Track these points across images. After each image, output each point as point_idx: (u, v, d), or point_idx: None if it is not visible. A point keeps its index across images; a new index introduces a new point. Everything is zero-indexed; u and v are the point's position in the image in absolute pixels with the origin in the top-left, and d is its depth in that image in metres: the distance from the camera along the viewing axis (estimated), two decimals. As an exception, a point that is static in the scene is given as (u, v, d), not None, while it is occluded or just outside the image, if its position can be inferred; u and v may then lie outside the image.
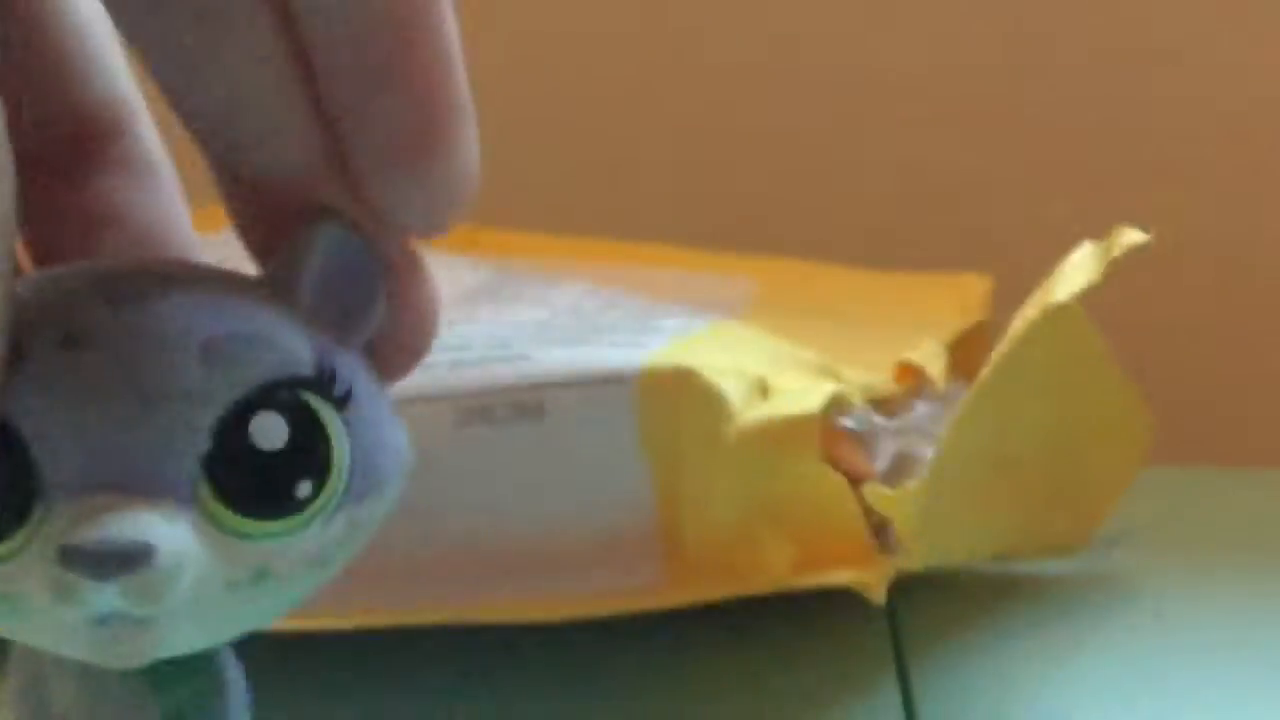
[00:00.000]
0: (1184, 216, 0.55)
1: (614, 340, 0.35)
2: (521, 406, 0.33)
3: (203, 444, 0.20)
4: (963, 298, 0.45)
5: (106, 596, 0.20)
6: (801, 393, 0.33)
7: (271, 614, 0.21)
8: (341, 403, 0.21)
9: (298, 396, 0.21)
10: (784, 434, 0.32)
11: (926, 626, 0.37)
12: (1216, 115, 0.55)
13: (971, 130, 0.56)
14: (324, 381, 0.21)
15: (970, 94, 0.56)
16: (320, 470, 0.21)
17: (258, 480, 0.21)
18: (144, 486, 0.20)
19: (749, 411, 0.33)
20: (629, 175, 0.56)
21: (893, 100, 0.56)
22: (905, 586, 0.36)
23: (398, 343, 0.23)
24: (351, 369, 0.22)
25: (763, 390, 0.33)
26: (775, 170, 0.56)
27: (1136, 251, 0.33)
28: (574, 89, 0.56)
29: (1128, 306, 0.33)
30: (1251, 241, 0.55)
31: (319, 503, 0.21)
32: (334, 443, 0.21)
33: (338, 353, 0.21)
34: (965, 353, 0.43)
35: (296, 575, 0.21)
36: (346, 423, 0.21)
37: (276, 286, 0.22)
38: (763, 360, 0.35)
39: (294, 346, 0.21)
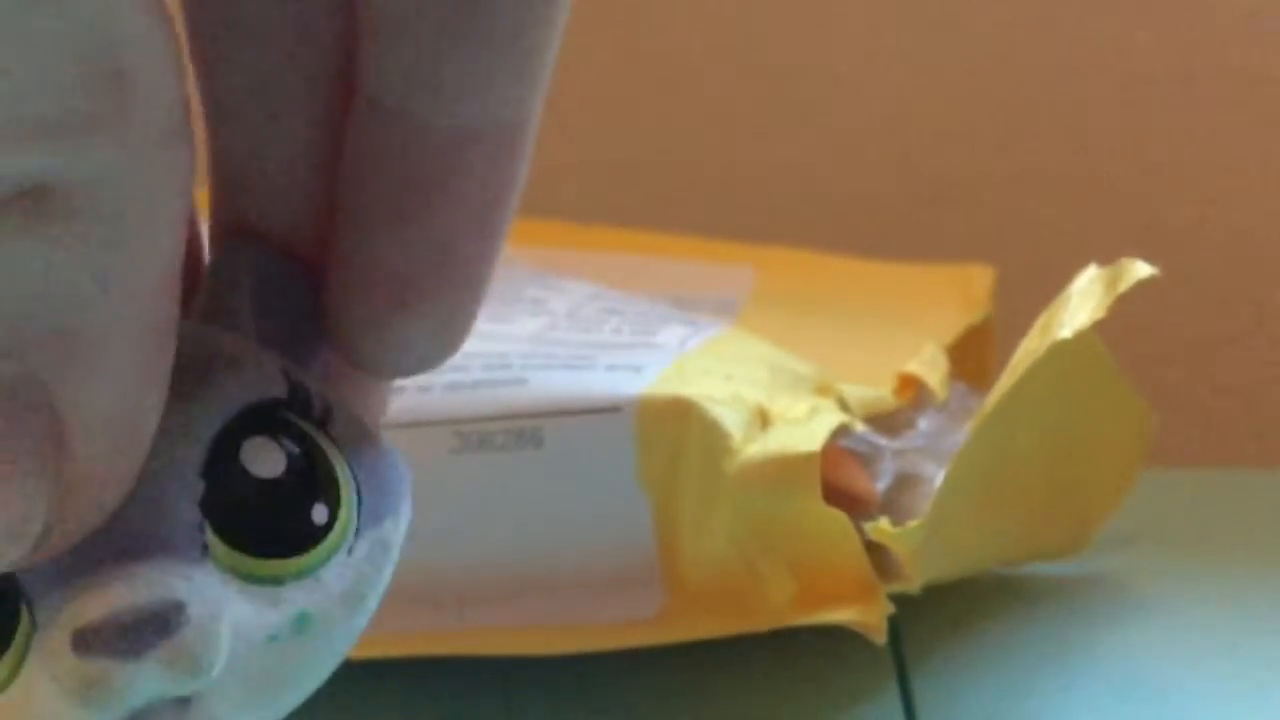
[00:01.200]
0: (1184, 214, 0.54)
1: (612, 362, 0.34)
2: (520, 434, 0.33)
3: (197, 486, 0.18)
4: (966, 290, 0.45)
5: (145, 678, 0.17)
6: (803, 426, 0.33)
7: (323, 670, 0.19)
8: (323, 420, 0.19)
9: (279, 417, 0.19)
10: (785, 472, 0.32)
11: (926, 627, 0.37)
12: (1219, 110, 0.54)
13: (973, 123, 0.55)
14: (300, 400, 0.19)
15: (971, 88, 0.55)
16: (331, 490, 0.19)
17: (268, 514, 0.18)
18: (145, 551, 0.18)
19: (749, 444, 0.32)
20: (630, 165, 0.56)
21: (894, 92, 0.56)
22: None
23: None
24: (319, 386, 0.20)
25: (763, 418, 0.33)
26: (776, 161, 0.56)
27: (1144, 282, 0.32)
28: (574, 80, 0.56)
29: (1127, 306, 0.33)
30: (1252, 240, 0.55)
31: (339, 526, 0.19)
32: (334, 460, 0.19)
33: (301, 371, 0.20)
34: (967, 351, 0.42)
35: (338, 617, 0.19)
36: (336, 440, 0.19)
37: (215, 316, 0.20)
38: (761, 379, 0.35)
39: (263, 367, 0.19)
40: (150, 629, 0.17)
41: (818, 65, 0.56)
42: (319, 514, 0.19)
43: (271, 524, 0.18)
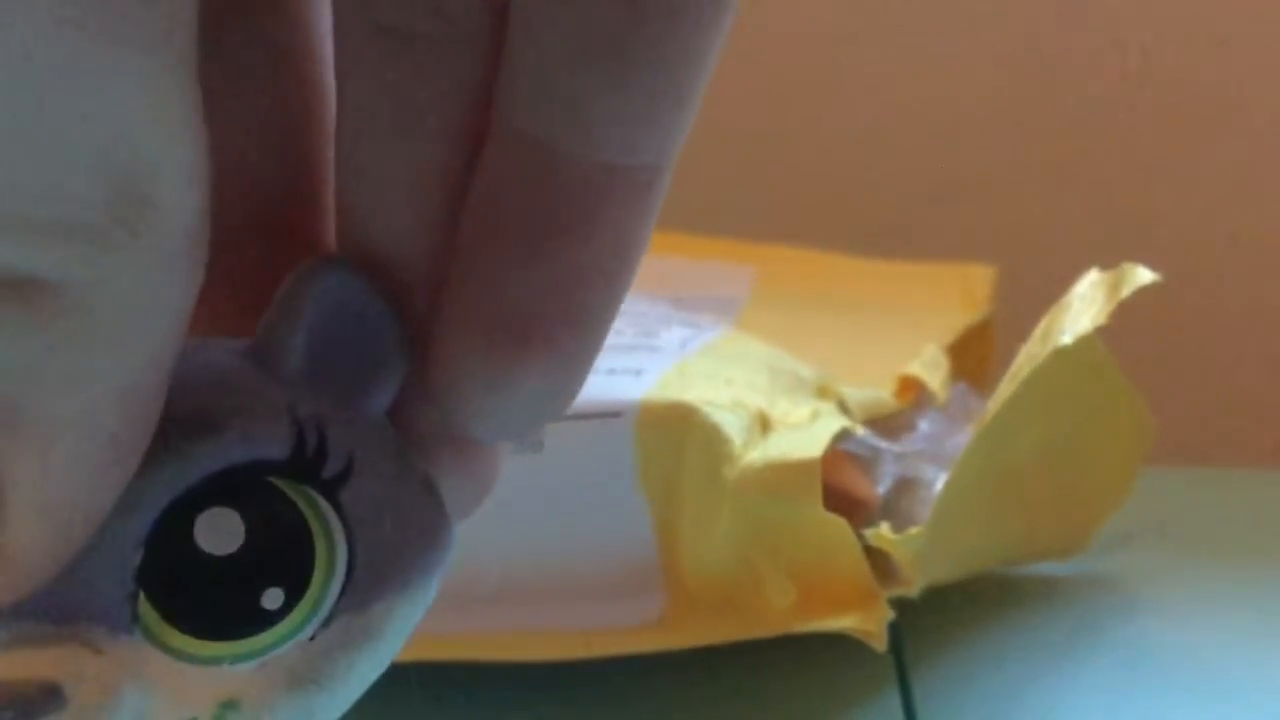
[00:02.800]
0: (1184, 212, 0.54)
1: (613, 366, 0.34)
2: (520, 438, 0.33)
3: (133, 557, 0.17)
4: (966, 289, 0.45)
5: None
6: (804, 432, 0.33)
7: None
8: (334, 483, 0.17)
9: (261, 483, 0.17)
10: (786, 478, 0.32)
11: (926, 627, 0.37)
12: (1220, 109, 0.54)
13: (973, 123, 0.55)
14: (304, 461, 0.17)
15: (971, 88, 0.55)
16: (296, 572, 0.17)
17: (211, 593, 0.17)
18: (67, 615, 0.16)
19: (750, 449, 0.32)
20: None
21: (894, 93, 0.56)
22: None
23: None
24: (357, 438, 0.18)
25: (763, 424, 0.33)
26: (776, 161, 0.56)
27: (1144, 289, 0.32)
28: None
29: (1127, 306, 0.33)
30: (1252, 240, 0.54)
31: (300, 611, 0.17)
32: (316, 535, 0.17)
33: (335, 423, 0.18)
34: (968, 351, 0.42)
35: (278, 705, 0.17)
36: (342, 508, 0.17)
37: (259, 349, 0.18)
38: (761, 384, 0.34)
39: (260, 424, 0.17)
40: (19, 709, 0.16)
41: (818, 66, 0.56)
42: (271, 599, 0.17)
43: (213, 604, 0.17)
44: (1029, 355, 0.33)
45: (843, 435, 0.34)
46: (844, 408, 0.35)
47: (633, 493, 0.32)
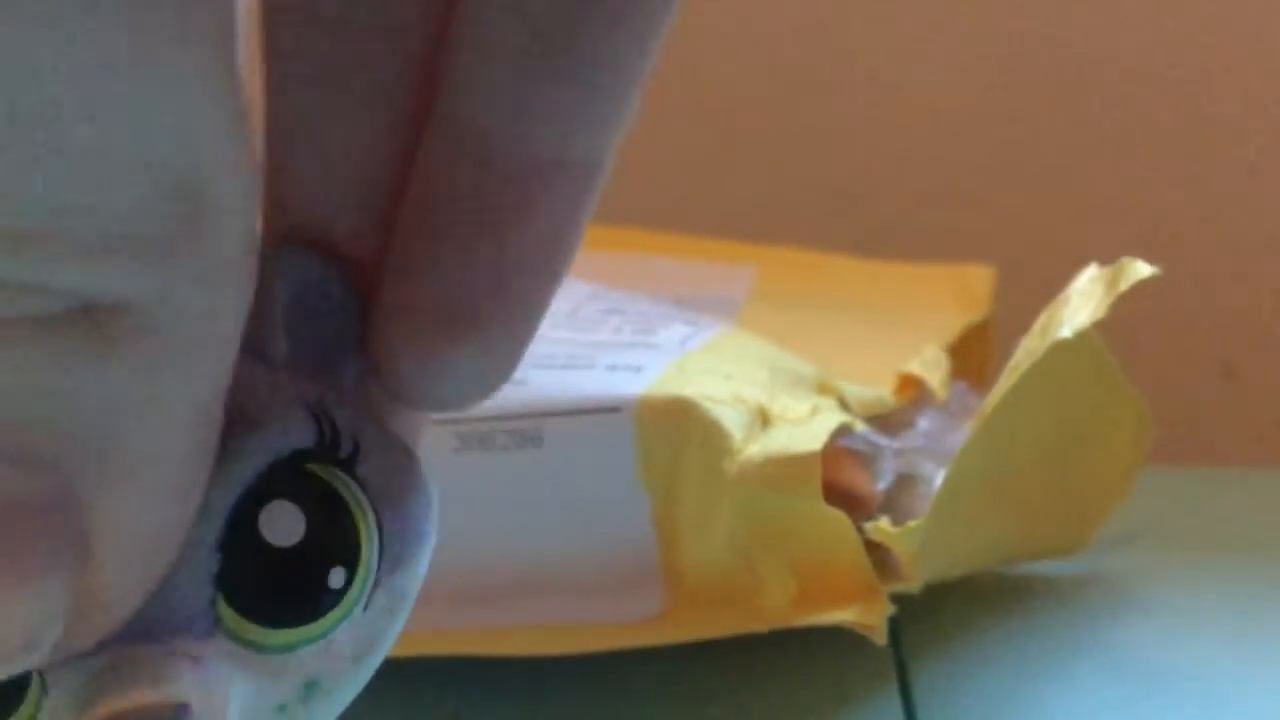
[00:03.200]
0: (1184, 214, 0.54)
1: (613, 363, 0.34)
2: (521, 434, 0.33)
3: (211, 564, 0.17)
4: (966, 290, 0.45)
5: None
6: (803, 426, 0.33)
7: None
8: (350, 461, 0.18)
9: (304, 472, 0.18)
10: (786, 471, 0.32)
11: (926, 627, 0.37)
12: (1219, 109, 0.54)
13: (974, 123, 0.55)
14: (327, 444, 0.18)
15: (971, 89, 0.55)
16: (351, 550, 0.18)
17: (284, 584, 0.18)
18: (154, 630, 0.17)
19: (750, 443, 0.32)
20: (630, 165, 0.56)
21: (895, 93, 0.56)
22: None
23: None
24: (351, 415, 0.18)
25: (764, 419, 0.33)
26: (776, 161, 0.56)
27: (1143, 283, 0.32)
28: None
29: (1126, 305, 0.33)
30: (1252, 241, 0.55)
31: (356, 586, 0.18)
32: (356, 514, 0.18)
33: (330, 401, 0.18)
34: (967, 351, 0.42)
35: (347, 678, 0.18)
36: (362, 483, 0.18)
37: (247, 338, 0.18)
38: (761, 379, 0.35)
39: (287, 416, 0.18)
40: None
41: (818, 66, 0.56)
42: (336, 579, 0.18)
43: (287, 594, 0.18)
44: (1028, 350, 0.33)
45: (842, 430, 0.34)
46: (844, 404, 0.35)
47: (632, 487, 0.32)
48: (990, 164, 0.55)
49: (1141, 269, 0.32)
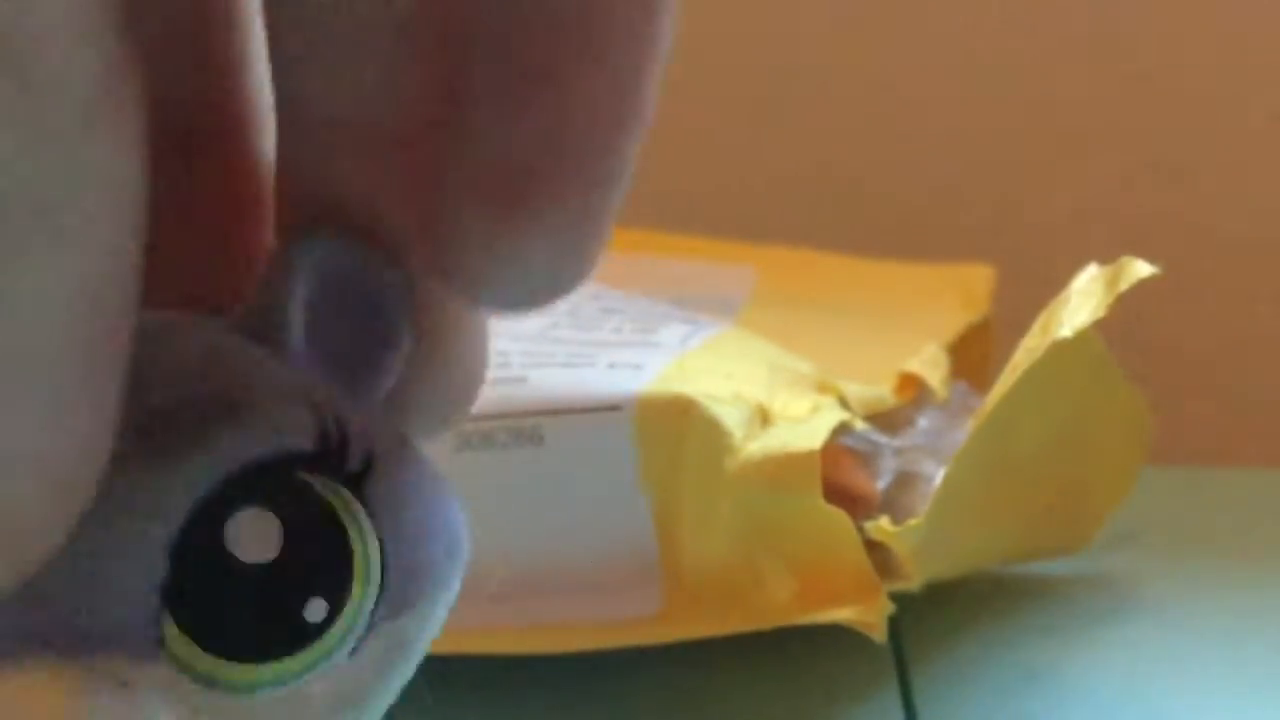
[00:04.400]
0: (1184, 211, 0.54)
1: (613, 361, 0.34)
2: (520, 432, 0.33)
3: (158, 570, 0.14)
4: (966, 290, 0.45)
5: None
6: (803, 425, 0.33)
7: None
8: (358, 478, 0.15)
9: (292, 479, 0.15)
10: (785, 469, 0.32)
11: (926, 627, 0.37)
12: (1219, 109, 0.54)
13: (974, 123, 0.55)
14: (330, 453, 0.15)
15: (971, 89, 0.55)
16: (337, 579, 0.15)
17: (246, 608, 0.15)
18: (82, 642, 0.14)
19: (750, 441, 0.32)
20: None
21: (895, 93, 0.56)
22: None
23: (425, 399, 0.17)
24: (369, 426, 0.16)
25: (763, 417, 0.33)
26: (776, 161, 0.56)
27: (1143, 283, 0.32)
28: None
29: (1126, 305, 0.33)
30: (1252, 239, 0.55)
31: (340, 625, 0.15)
32: (352, 535, 0.15)
33: (345, 405, 0.16)
34: (967, 350, 0.42)
35: None
36: (370, 505, 0.15)
37: (253, 327, 0.16)
38: (761, 377, 0.35)
39: (281, 409, 0.15)
40: None
41: (818, 66, 0.56)
42: (315, 611, 0.15)
43: (250, 620, 0.15)
44: (1027, 349, 0.33)
45: (842, 429, 0.34)
46: (844, 403, 0.35)
47: (632, 486, 0.32)
48: (990, 164, 0.55)
49: (1141, 269, 0.32)
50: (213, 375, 0.15)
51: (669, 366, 0.34)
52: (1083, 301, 0.33)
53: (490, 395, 0.33)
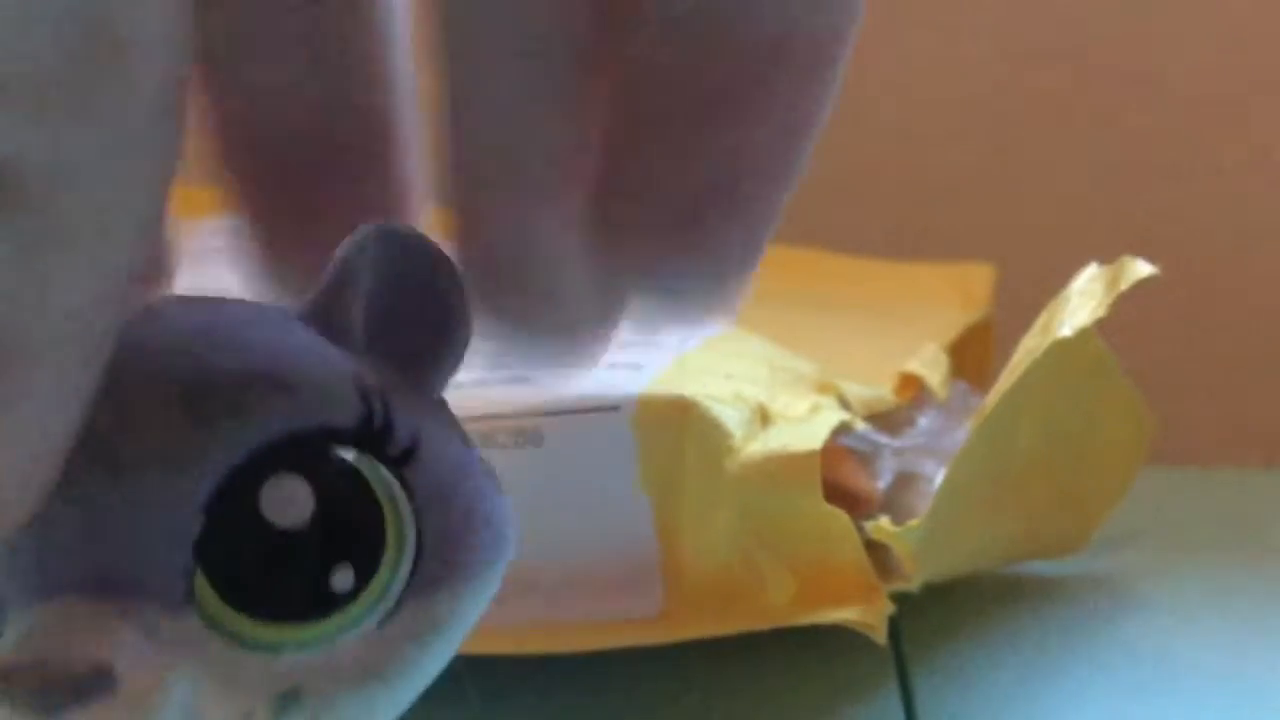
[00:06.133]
0: (1185, 212, 0.54)
1: (612, 361, 0.34)
2: (520, 433, 0.33)
3: (194, 525, 0.15)
4: (966, 289, 0.45)
5: None
6: (803, 424, 0.33)
7: None
8: (401, 460, 0.16)
9: (330, 453, 0.16)
10: (786, 469, 0.32)
11: (926, 627, 0.37)
12: (1219, 109, 0.54)
13: (974, 123, 0.55)
14: (374, 433, 0.16)
15: (971, 88, 0.55)
16: (367, 551, 0.16)
17: (276, 571, 0.15)
18: (118, 588, 0.15)
19: (750, 442, 0.32)
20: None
21: (895, 93, 0.56)
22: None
23: None
24: (421, 417, 0.17)
25: (763, 417, 0.33)
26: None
27: (1143, 283, 0.32)
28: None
29: (1126, 305, 0.33)
30: (1252, 239, 0.55)
31: (367, 596, 0.16)
32: (387, 513, 0.16)
33: (400, 395, 0.16)
34: (967, 350, 0.42)
35: (341, 699, 0.16)
36: (410, 487, 0.16)
37: (316, 315, 0.17)
38: (761, 377, 0.35)
39: (327, 388, 0.16)
40: (66, 690, 0.14)
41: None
42: (341, 580, 0.16)
43: (278, 582, 0.16)
44: (1027, 349, 0.33)
45: (842, 429, 0.34)
46: (844, 403, 0.35)
47: (632, 486, 0.32)
48: (990, 164, 0.55)
49: (1141, 269, 0.32)
50: (265, 352, 0.16)
51: (669, 367, 0.34)
52: (1083, 301, 0.33)
53: (490, 395, 0.33)
